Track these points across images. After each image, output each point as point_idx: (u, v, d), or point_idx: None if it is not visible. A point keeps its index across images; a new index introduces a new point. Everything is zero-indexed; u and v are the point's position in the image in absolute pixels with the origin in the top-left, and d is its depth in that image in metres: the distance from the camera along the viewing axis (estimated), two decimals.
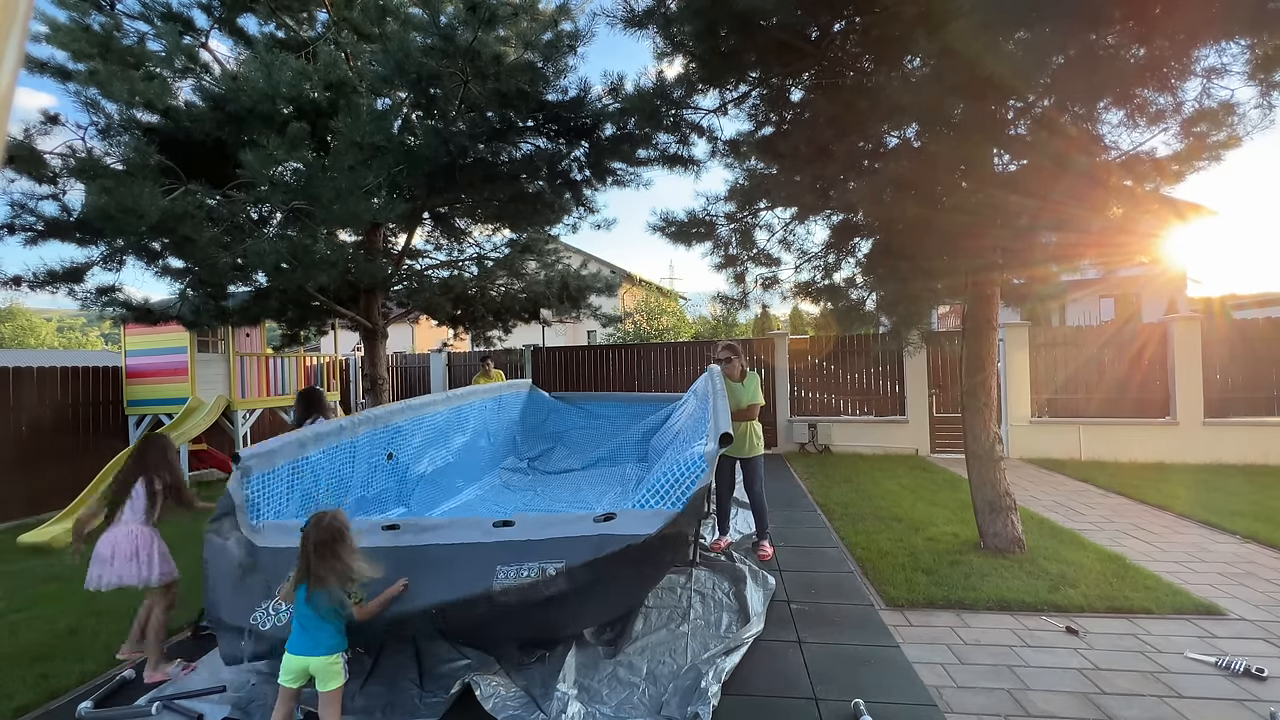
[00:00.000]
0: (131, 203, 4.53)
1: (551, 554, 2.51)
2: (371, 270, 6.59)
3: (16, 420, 6.81)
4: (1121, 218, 3.71)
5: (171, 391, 7.99)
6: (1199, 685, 2.75)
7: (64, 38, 5.72)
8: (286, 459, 3.49)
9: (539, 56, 6.08)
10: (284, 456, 3.47)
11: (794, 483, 7.21)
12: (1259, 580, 3.96)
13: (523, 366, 11.14)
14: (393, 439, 4.79)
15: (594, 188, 7.46)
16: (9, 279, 5.42)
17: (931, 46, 3.39)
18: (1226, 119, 3.27)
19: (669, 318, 18.93)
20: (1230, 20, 2.70)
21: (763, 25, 4.16)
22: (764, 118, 5.07)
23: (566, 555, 2.49)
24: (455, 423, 5.90)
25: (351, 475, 4.23)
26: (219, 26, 6.67)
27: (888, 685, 2.77)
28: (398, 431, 4.86)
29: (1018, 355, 8.64)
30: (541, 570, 2.46)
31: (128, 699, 2.79)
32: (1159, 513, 5.62)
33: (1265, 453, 7.68)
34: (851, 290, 5.06)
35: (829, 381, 9.73)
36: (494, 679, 2.71)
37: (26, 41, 0.60)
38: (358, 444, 4.29)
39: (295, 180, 5.10)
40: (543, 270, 8.81)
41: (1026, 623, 3.39)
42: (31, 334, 37.37)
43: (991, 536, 4.42)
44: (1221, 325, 8.29)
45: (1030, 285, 4.75)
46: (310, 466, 3.73)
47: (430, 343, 19.64)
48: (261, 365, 9.21)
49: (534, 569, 2.47)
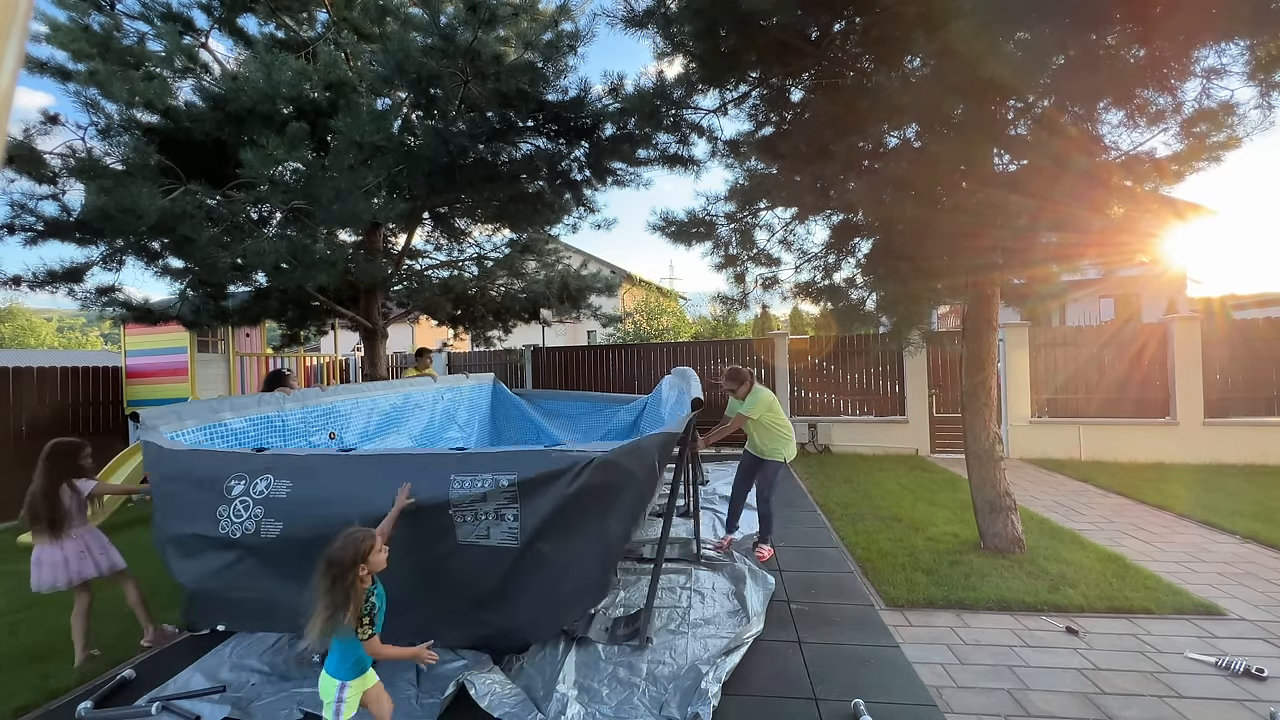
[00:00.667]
0: (131, 203, 4.53)
1: (503, 467, 2.59)
2: (371, 270, 6.59)
3: (16, 420, 6.82)
4: (1121, 218, 3.71)
5: (172, 391, 7.99)
6: (1199, 685, 2.75)
7: (64, 38, 5.71)
8: (199, 421, 3.51)
9: (539, 56, 6.08)
10: (194, 418, 3.48)
11: (794, 483, 7.21)
12: (1259, 580, 3.96)
13: (523, 366, 11.14)
14: (330, 419, 4.80)
15: (594, 188, 7.45)
16: (9, 279, 5.42)
17: (931, 47, 3.39)
18: (1226, 119, 3.27)
19: (669, 318, 18.93)
20: (1230, 20, 2.70)
21: (763, 25, 4.16)
22: (764, 118, 5.07)
23: (518, 469, 2.57)
24: (405, 409, 5.90)
25: (283, 449, 4.24)
26: (219, 26, 6.66)
27: (888, 685, 2.77)
28: (333, 411, 4.85)
29: (1018, 355, 8.64)
30: (495, 482, 2.55)
31: (128, 699, 2.79)
32: (1159, 513, 5.62)
33: (1265, 453, 7.68)
34: (851, 290, 5.06)
35: (829, 381, 9.73)
36: (490, 678, 2.72)
37: (26, 41, 0.60)
38: (287, 418, 4.30)
39: (295, 180, 5.10)
40: (543, 270, 8.81)
41: (1026, 623, 3.39)
42: (31, 334, 37.35)
43: (991, 536, 4.42)
44: (1221, 325, 8.28)
45: (1030, 285, 4.75)
46: (230, 433, 3.75)
47: (430, 343, 19.62)
48: (261, 365, 9.21)
49: (487, 480, 2.55)
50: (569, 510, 2.59)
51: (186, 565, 2.74)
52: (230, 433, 3.76)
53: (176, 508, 2.79)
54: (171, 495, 2.83)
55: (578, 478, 2.57)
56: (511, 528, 2.58)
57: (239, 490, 2.67)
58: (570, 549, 2.69)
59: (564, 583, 2.72)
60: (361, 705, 2.15)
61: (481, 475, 2.59)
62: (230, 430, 3.76)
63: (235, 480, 2.69)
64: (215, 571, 2.71)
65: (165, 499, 2.84)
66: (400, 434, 5.69)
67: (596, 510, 2.68)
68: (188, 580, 2.75)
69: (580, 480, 2.56)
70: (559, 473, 2.58)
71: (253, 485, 2.68)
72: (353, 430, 5.02)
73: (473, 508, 2.59)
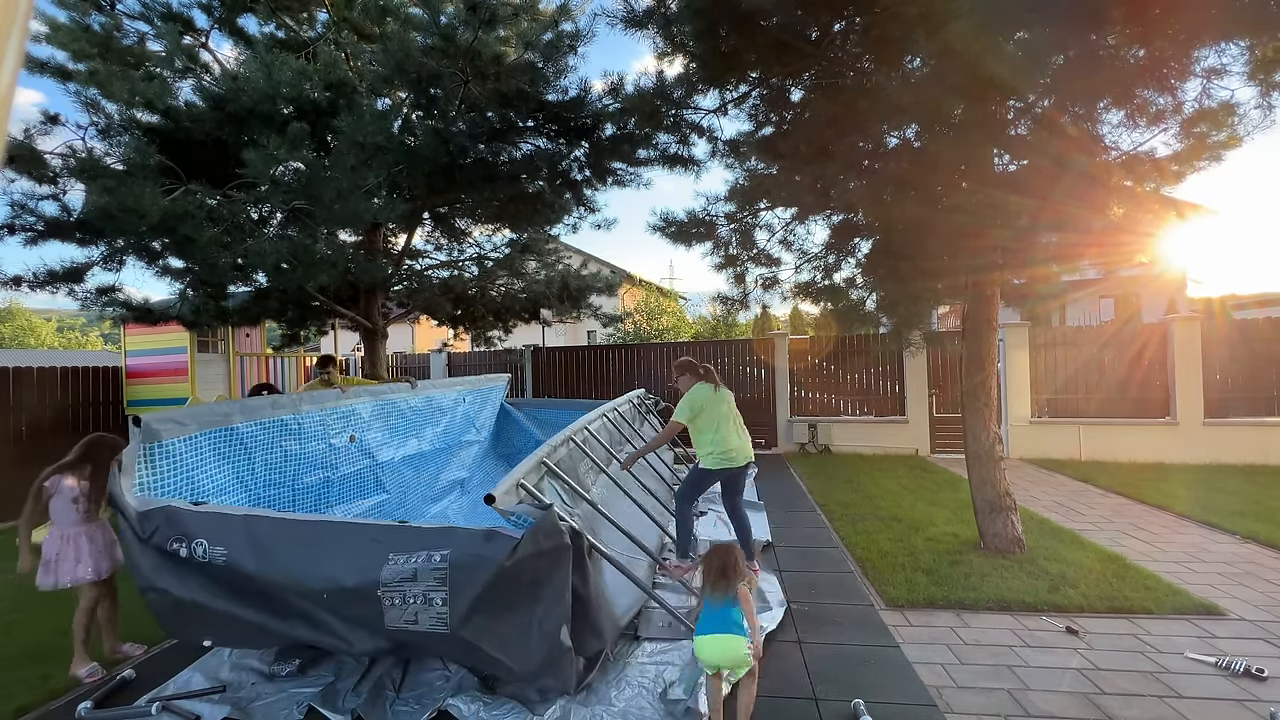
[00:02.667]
0: (132, 202, 4.52)
1: (439, 543, 2.47)
2: (371, 270, 6.59)
3: (16, 420, 6.82)
4: (1122, 218, 3.71)
5: (172, 391, 8.00)
6: (1199, 685, 2.75)
7: (64, 38, 5.71)
8: (204, 427, 3.45)
9: (539, 56, 6.08)
10: (200, 424, 3.42)
11: (794, 483, 7.20)
12: (1259, 580, 3.96)
13: (523, 367, 11.14)
14: (350, 422, 4.78)
15: (594, 188, 7.45)
16: (9, 279, 5.42)
17: (931, 47, 3.40)
18: (1226, 119, 3.28)
19: (669, 318, 18.94)
20: (1230, 21, 2.70)
21: (763, 25, 4.16)
22: (764, 118, 5.07)
23: (452, 545, 2.45)
24: (427, 411, 5.88)
25: (302, 452, 4.22)
26: (219, 26, 6.66)
27: (888, 685, 2.77)
28: (352, 413, 4.82)
29: (1018, 355, 8.64)
30: (428, 557, 2.42)
31: (128, 699, 2.79)
32: (1159, 513, 5.62)
33: (1265, 453, 7.68)
34: (852, 290, 5.06)
35: (829, 382, 9.73)
36: (473, 693, 2.68)
37: (26, 41, 0.60)
38: (303, 421, 4.26)
39: (295, 180, 5.10)
40: (543, 270, 8.80)
41: (1026, 623, 3.39)
42: (31, 334, 37.36)
43: (991, 536, 4.42)
44: (1221, 325, 8.29)
45: (1030, 285, 4.76)
46: (240, 438, 3.72)
47: (430, 343, 19.62)
48: (261, 365, 9.21)
49: (420, 557, 2.43)
50: (502, 589, 2.40)
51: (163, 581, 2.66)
52: (238, 436, 3.72)
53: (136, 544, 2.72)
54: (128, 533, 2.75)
55: (513, 554, 2.37)
56: (440, 613, 2.38)
57: (184, 553, 2.61)
58: (513, 625, 2.47)
59: (522, 658, 2.47)
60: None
61: (417, 552, 2.43)
62: (238, 434, 3.72)
63: (175, 544, 2.61)
64: (195, 586, 2.64)
65: (125, 533, 2.76)
66: (420, 438, 5.66)
67: (532, 584, 2.47)
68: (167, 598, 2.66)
69: (514, 558, 2.37)
70: (491, 554, 2.40)
71: (193, 548, 2.60)
72: (373, 433, 5.01)
73: (401, 588, 2.40)
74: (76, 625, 3.10)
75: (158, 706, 2.66)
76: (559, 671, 2.52)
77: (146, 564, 2.65)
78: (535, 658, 2.48)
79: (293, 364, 9.80)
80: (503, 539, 2.44)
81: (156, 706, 2.65)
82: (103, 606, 3.23)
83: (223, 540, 2.60)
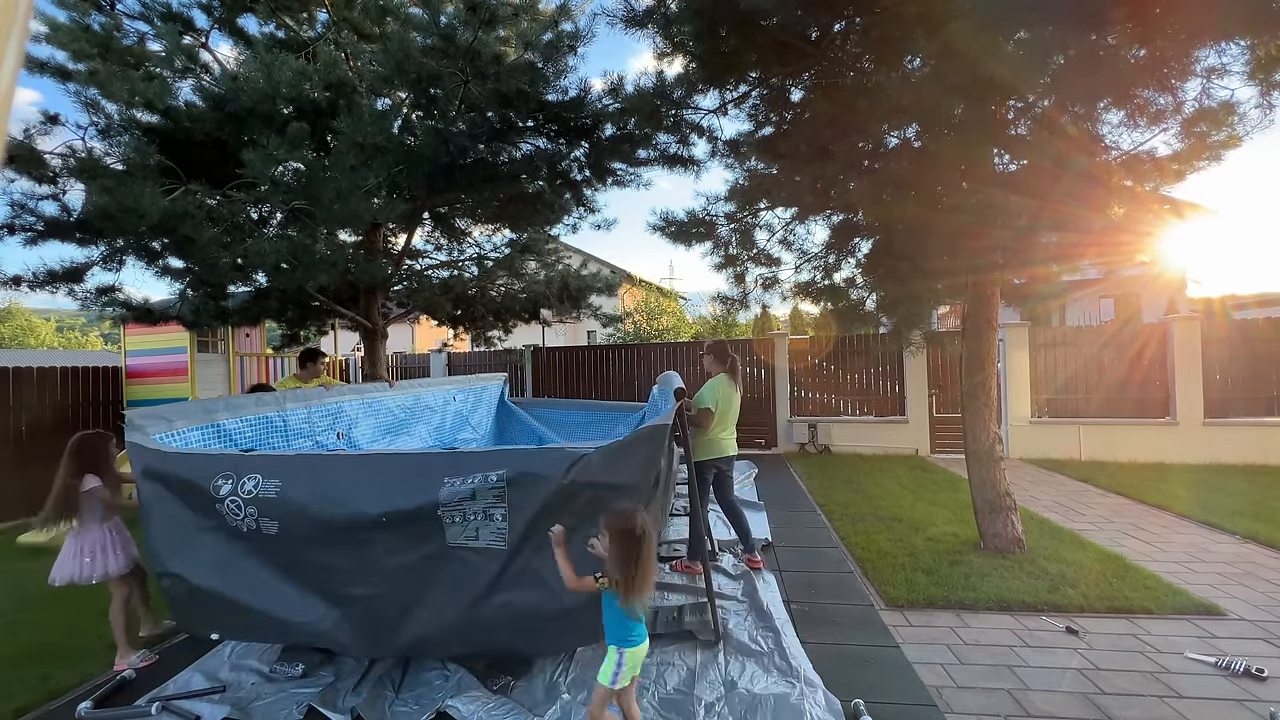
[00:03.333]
0: (132, 202, 4.52)
1: (494, 464, 2.54)
2: (371, 270, 6.58)
3: (16, 420, 6.81)
4: (1122, 218, 3.71)
5: (171, 391, 7.99)
6: (1199, 685, 2.75)
7: (64, 38, 5.71)
8: (190, 423, 3.43)
9: (539, 56, 6.07)
10: (186, 420, 3.40)
11: (794, 483, 7.20)
12: (1259, 580, 3.96)
13: (523, 367, 11.14)
14: (338, 419, 4.73)
15: (594, 188, 7.44)
16: (9, 279, 5.41)
17: (931, 47, 3.40)
18: (1227, 119, 3.28)
19: (669, 318, 18.93)
20: (1230, 20, 2.70)
21: (763, 25, 4.16)
22: (764, 118, 5.07)
23: (507, 465, 2.52)
24: (416, 410, 5.82)
25: (290, 450, 4.17)
26: (219, 26, 6.66)
27: (888, 685, 2.77)
28: (340, 411, 4.77)
29: (1018, 355, 8.64)
30: (484, 478, 2.49)
31: (128, 699, 2.79)
32: (1159, 513, 5.62)
33: (1265, 453, 7.68)
34: (852, 290, 5.06)
35: (829, 381, 9.73)
36: (473, 693, 2.68)
37: (26, 41, 0.60)
38: (288, 418, 4.22)
39: (295, 180, 5.10)
40: (543, 270, 8.80)
41: (1026, 623, 3.39)
42: (31, 334, 37.35)
43: (991, 536, 4.42)
44: (1221, 325, 8.29)
45: (1030, 285, 4.76)
46: (227, 434, 3.70)
47: (430, 343, 19.62)
48: (261, 365, 9.21)
49: (476, 478, 2.50)
50: (558, 512, 2.46)
51: (181, 565, 2.69)
52: (224, 432, 3.69)
53: (164, 512, 2.73)
54: (157, 499, 2.75)
55: (568, 473, 2.47)
56: (500, 529, 2.49)
57: (227, 490, 2.61)
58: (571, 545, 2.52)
59: (559, 594, 2.43)
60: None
61: (473, 474, 2.51)
62: (225, 431, 3.70)
63: (223, 480, 2.63)
64: (214, 570, 2.68)
65: (152, 503, 2.76)
66: (411, 436, 5.62)
67: (589, 514, 2.47)
68: (182, 584, 2.69)
69: (570, 477, 2.47)
70: (546, 470, 2.49)
71: (240, 485, 2.62)
72: (361, 430, 4.98)
73: (461, 507, 2.50)
74: (115, 621, 3.15)
75: (158, 706, 2.66)
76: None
77: (170, 536, 2.70)
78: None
79: (292, 364, 9.80)
80: (559, 454, 2.53)
81: (156, 706, 2.66)
82: (135, 597, 3.31)
83: (279, 474, 2.64)
